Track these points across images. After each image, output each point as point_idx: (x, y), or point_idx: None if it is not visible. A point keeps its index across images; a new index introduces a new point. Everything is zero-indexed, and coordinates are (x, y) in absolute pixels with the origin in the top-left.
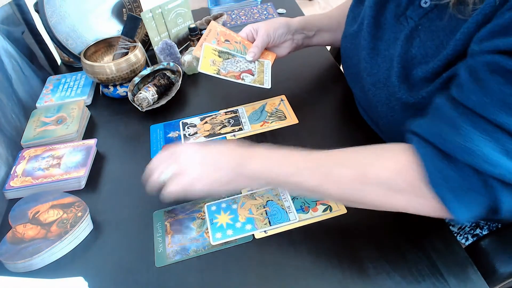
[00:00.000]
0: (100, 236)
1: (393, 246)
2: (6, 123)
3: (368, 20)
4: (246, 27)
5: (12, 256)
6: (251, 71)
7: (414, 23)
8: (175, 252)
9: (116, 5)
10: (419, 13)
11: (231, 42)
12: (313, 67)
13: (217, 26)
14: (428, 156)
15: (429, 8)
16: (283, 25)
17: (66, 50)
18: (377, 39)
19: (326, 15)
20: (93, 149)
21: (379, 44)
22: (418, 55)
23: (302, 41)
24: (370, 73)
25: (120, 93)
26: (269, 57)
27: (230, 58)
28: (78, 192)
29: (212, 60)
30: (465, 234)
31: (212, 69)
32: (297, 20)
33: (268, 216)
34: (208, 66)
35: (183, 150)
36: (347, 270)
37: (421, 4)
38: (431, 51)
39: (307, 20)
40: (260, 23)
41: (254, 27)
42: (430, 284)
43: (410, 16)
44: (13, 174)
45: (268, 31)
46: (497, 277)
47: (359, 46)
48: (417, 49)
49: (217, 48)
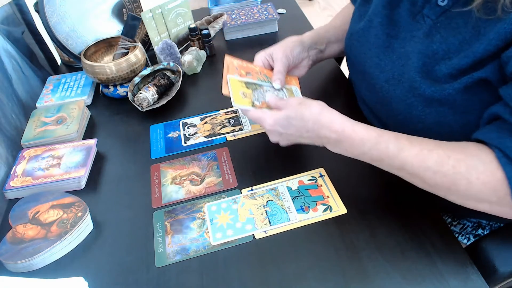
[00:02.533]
0: (100, 236)
1: (393, 246)
2: (6, 123)
3: (381, 18)
4: (259, 55)
5: (12, 256)
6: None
7: (431, 21)
8: (175, 252)
9: (116, 5)
10: (437, 11)
11: (252, 73)
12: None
13: (233, 60)
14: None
15: (446, 6)
16: (297, 44)
17: (66, 50)
18: (391, 37)
19: (332, 26)
20: (93, 149)
21: (393, 41)
22: (440, 50)
23: (316, 56)
24: (384, 70)
25: (120, 93)
26: (293, 81)
27: (258, 89)
28: (78, 192)
29: (242, 92)
30: (466, 235)
31: (246, 101)
32: (308, 35)
33: (268, 216)
34: (241, 99)
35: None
36: (347, 270)
37: (438, 2)
38: (454, 47)
39: (317, 33)
40: (273, 48)
41: (267, 52)
42: (430, 284)
43: (427, 15)
44: (13, 174)
45: (285, 53)
46: (498, 277)
47: (367, 44)
48: (438, 45)
49: (242, 80)
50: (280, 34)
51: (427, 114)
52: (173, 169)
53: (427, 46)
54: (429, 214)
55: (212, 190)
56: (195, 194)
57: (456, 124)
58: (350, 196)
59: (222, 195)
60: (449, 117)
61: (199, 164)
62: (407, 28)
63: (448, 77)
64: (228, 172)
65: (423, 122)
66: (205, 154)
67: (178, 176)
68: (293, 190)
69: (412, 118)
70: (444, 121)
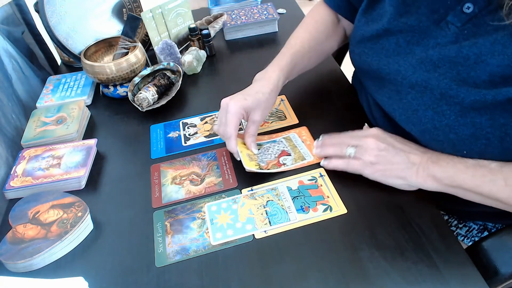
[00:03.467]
0: (100, 236)
1: (393, 246)
2: (6, 123)
3: (401, 26)
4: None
5: (12, 256)
6: (286, 151)
7: (457, 28)
8: (175, 252)
9: (116, 5)
10: (462, 18)
11: None
12: (315, 68)
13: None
14: None
15: (472, 13)
16: (273, 101)
17: (66, 50)
18: (412, 44)
19: (302, 46)
20: (93, 149)
21: (414, 48)
22: (471, 54)
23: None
24: (405, 76)
25: (120, 93)
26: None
27: (259, 148)
28: (78, 192)
29: (247, 154)
30: (472, 237)
31: (253, 164)
32: (284, 74)
33: (268, 216)
34: (249, 162)
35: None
36: (347, 270)
37: (464, 9)
38: (486, 48)
39: (291, 66)
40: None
41: (243, 107)
42: (430, 284)
43: (451, 22)
44: (13, 174)
45: (263, 116)
46: (499, 278)
47: (384, 51)
48: (468, 49)
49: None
50: (280, 34)
51: (462, 125)
52: (173, 169)
53: (457, 52)
54: (429, 214)
55: (212, 190)
56: (195, 194)
57: (494, 138)
58: (350, 196)
59: (222, 195)
60: (487, 129)
61: (199, 164)
62: (430, 35)
63: (488, 84)
64: (228, 172)
65: (456, 133)
66: (205, 154)
67: (178, 176)
68: (293, 190)
69: (442, 128)
70: (481, 134)
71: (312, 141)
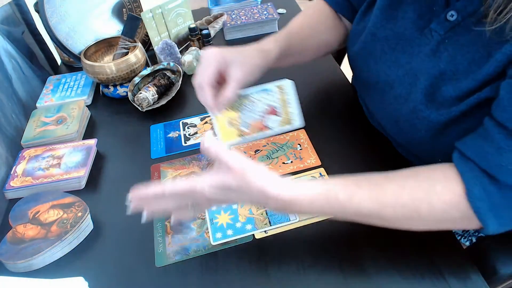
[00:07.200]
0: (100, 236)
1: (393, 246)
2: (6, 123)
3: (386, 32)
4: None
5: (12, 256)
6: (274, 108)
7: (439, 36)
8: (175, 252)
9: (116, 5)
10: (445, 26)
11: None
12: (315, 68)
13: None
14: (477, 186)
15: (456, 21)
16: (261, 68)
17: (66, 50)
18: (397, 52)
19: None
20: (93, 149)
21: (399, 56)
22: (448, 71)
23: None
24: (393, 86)
25: (120, 93)
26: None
27: (245, 102)
28: (78, 192)
29: (227, 121)
30: (469, 237)
31: (233, 133)
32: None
33: (268, 216)
34: (228, 133)
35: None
36: (347, 270)
37: (447, 17)
38: (462, 68)
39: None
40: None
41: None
42: (430, 284)
43: (434, 29)
44: (13, 174)
45: (245, 77)
46: (498, 278)
47: (372, 57)
48: (446, 64)
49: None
50: None
51: (431, 138)
52: (173, 169)
53: (435, 65)
54: None
55: None
56: None
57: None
58: None
59: None
60: (457, 138)
61: (199, 164)
62: (414, 43)
63: (454, 100)
64: None
65: (431, 144)
66: None
67: (178, 176)
68: None
69: (420, 139)
70: (451, 143)
71: (310, 144)
